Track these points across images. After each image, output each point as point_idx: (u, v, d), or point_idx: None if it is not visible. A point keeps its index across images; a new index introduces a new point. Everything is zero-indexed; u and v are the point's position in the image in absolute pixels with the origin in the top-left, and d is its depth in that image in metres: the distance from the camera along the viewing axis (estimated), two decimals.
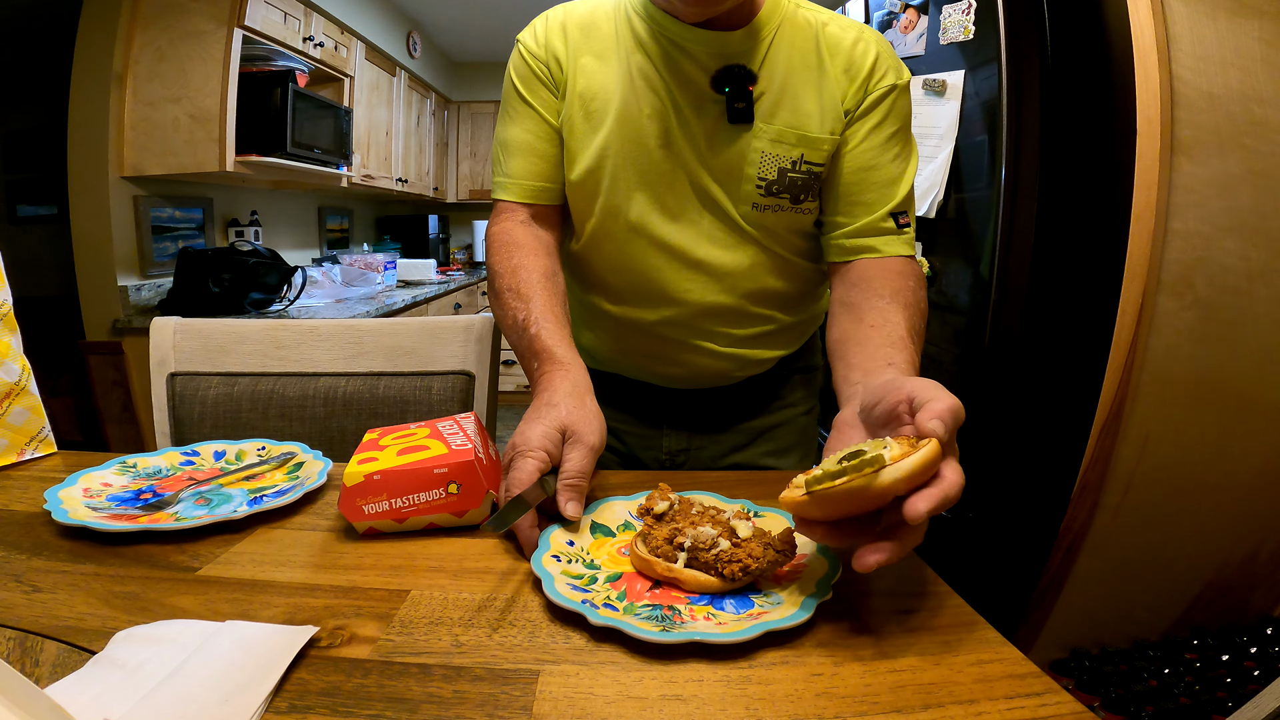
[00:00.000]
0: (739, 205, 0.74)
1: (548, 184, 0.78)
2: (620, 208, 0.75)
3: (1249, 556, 1.22)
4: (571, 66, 0.75)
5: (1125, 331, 1.15)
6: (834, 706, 0.35)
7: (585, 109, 0.74)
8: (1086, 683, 1.18)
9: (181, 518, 0.54)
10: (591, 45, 0.75)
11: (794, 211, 0.75)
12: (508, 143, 0.78)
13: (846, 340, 0.65)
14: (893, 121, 0.73)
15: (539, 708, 0.34)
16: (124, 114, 2.13)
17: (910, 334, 0.64)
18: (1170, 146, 1.11)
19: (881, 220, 0.73)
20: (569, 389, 0.60)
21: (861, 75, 0.72)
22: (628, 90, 0.73)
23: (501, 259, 0.74)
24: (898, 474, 0.38)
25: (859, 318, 0.67)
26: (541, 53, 0.76)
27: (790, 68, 0.72)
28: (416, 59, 3.92)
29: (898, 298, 0.67)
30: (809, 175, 0.73)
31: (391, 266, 3.44)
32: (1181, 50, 1.11)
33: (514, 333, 0.70)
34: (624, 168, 0.74)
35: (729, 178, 0.73)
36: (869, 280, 0.71)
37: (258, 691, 0.34)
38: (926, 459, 0.39)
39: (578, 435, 0.55)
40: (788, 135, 0.72)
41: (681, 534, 0.46)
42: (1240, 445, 1.18)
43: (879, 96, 0.72)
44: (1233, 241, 1.13)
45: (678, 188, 0.74)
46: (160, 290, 2.31)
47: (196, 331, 0.91)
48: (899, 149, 0.74)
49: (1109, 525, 1.22)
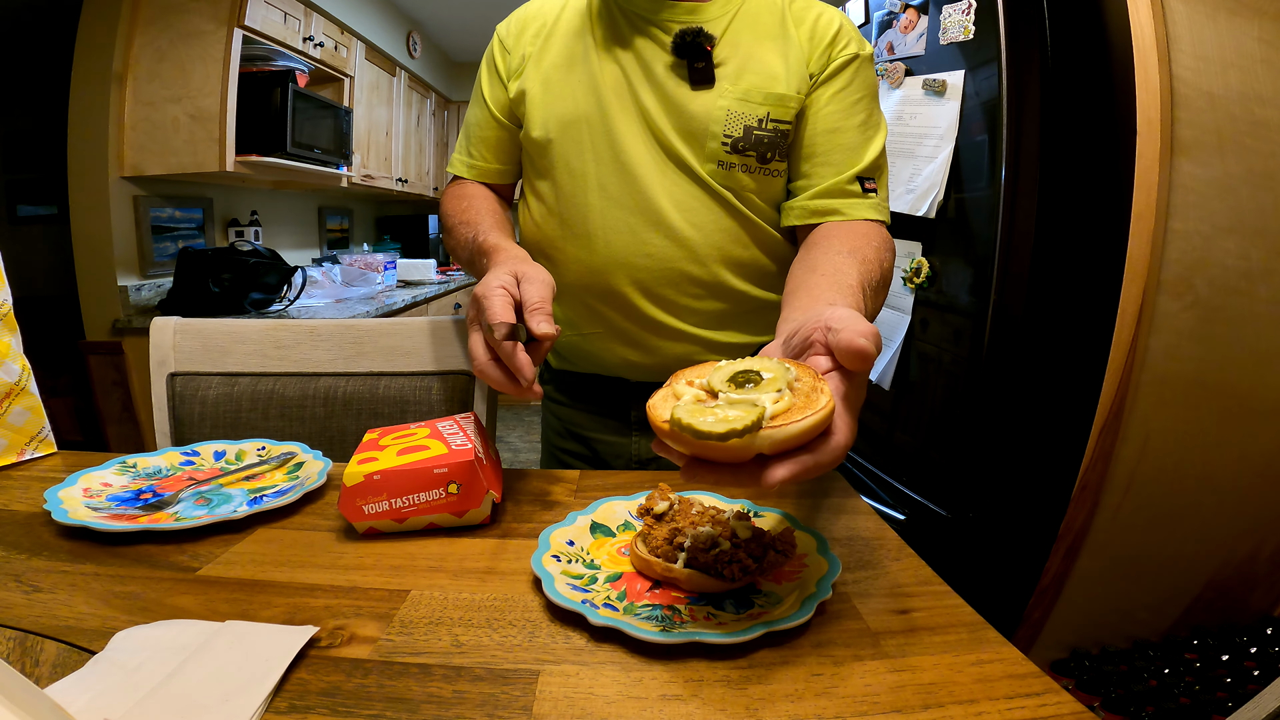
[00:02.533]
0: (705, 164, 0.75)
1: (491, 165, 0.86)
2: (580, 170, 0.78)
3: (1249, 556, 1.22)
4: (538, 47, 0.80)
5: (1125, 331, 1.15)
6: (834, 706, 0.35)
7: (546, 81, 0.79)
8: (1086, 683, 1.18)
9: (181, 518, 0.54)
10: (561, 25, 0.80)
11: (762, 173, 0.76)
12: (467, 123, 0.88)
13: (796, 290, 0.62)
14: (857, 89, 0.76)
15: (539, 708, 0.34)
16: (124, 114, 2.13)
17: (862, 285, 0.61)
18: (1170, 146, 1.11)
19: (847, 183, 0.74)
20: (514, 255, 0.67)
21: (825, 41, 0.75)
22: (588, 61, 0.77)
23: (453, 204, 0.84)
24: (773, 440, 0.34)
25: (811, 268, 0.65)
26: (510, 41, 0.82)
27: (755, 35, 0.76)
28: (416, 59, 3.92)
29: (855, 254, 0.66)
30: (775, 133, 0.75)
31: (391, 266, 3.44)
32: (1181, 50, 1.11)
33: (465, 250, 0.76)
34: (583, 131, 0.77)
35: (693, 137, 0.75)
36: (829, 238, 0.71)
37: (258, 691, 0.34)
38: (811, 425, 0.34)
39: (528, 275, 0.61)
40: (753, 94, 0.74)
41: (681, 534, 0.46)
42: (1240, 445, 1.18)
43: (842, 63, 0.75)
44: (1233, 241, 1.13)
45: (641, 150, 0.76)
46: (160, 290, 2.31)
47: (196, 331, 0.91)
48: (864, 116, 0.76)
49: (1109, 525, 1.22)
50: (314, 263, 3.25)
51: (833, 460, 0.36)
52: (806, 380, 0.38)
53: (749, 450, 0.34)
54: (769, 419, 0.34)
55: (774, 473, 0.35)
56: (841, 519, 0.58)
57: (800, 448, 0.35)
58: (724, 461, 0.36)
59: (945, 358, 1.40)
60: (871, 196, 0.75)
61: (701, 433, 0.34)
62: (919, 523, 1.40)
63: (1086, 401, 1.20)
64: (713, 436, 0.34)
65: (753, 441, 0.34)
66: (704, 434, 0.34)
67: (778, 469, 0.35)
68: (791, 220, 0.77)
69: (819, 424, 0.35)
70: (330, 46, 2.82)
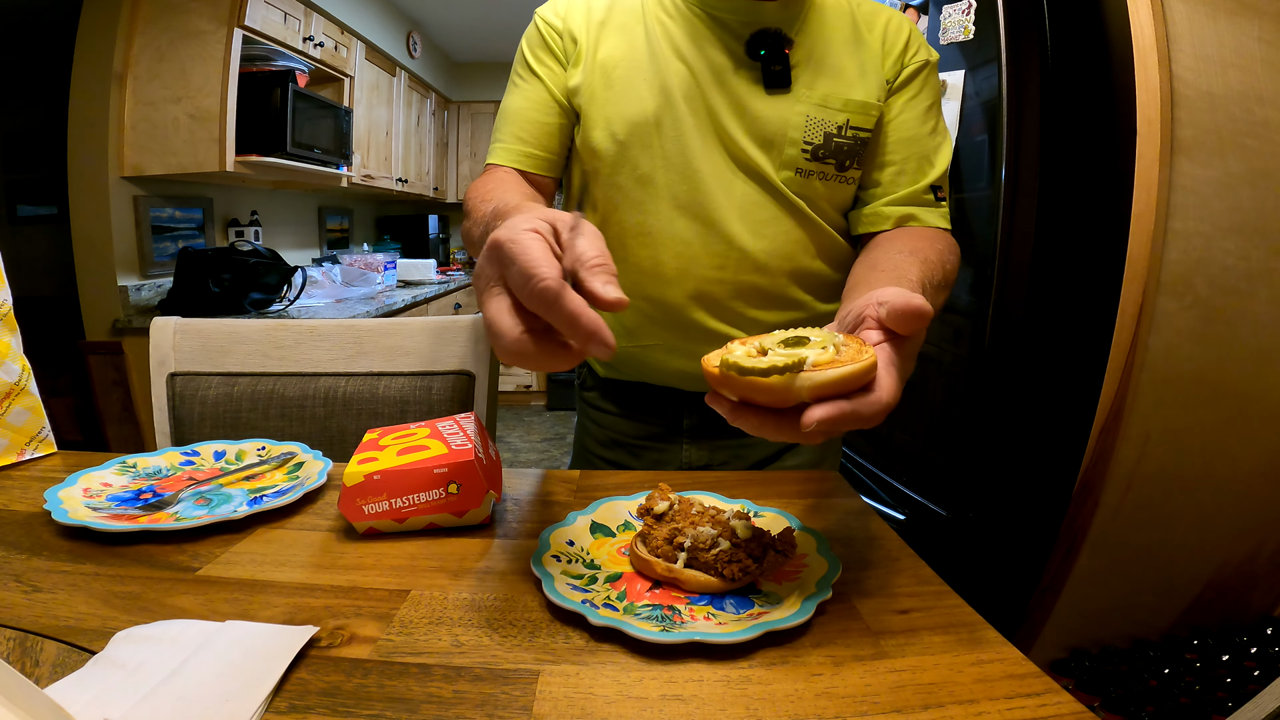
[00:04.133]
0: (781, 171, 0.72)
1: (542, 152, 0.77)
2: (649, 176, 0.73)
3: (1249, 556, 1.22)
4: (592, 37, 0.75)
5: (1125, 331, 1.15)
6: (834, 706, 0.35)
7: (607, 77, 0.73)
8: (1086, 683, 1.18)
9: (181, 518, 0.54)
10: (614, 16, 0.75)
11: (838, 180, 0.74)
12: (506, 110, 0.79)
13: (855, 286, 0.61)
14: (927, 96, 0.75)
15: (539, 708, 0.34)
16: (124, 114, 2.14)
17: (922, 281, 0.59)
18: (1170, 147, 1.11)
19: (923, 192, 0.74)
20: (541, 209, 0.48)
21: (898, 48, 0.74)
22: (654, 59, 0.72)
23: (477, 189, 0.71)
24: (813, 382, 0.36)
25: (872, 265, 0.64)
26: (559, 23, 0.76)
27: (828, 37, 0.73)
28: (416, 59, 3.92)
29: (917, 253, 0.65)
30: (855, 141, 0.73)
31: (391, 266, 3.44)
32: (1181, 50, 1.11)
33: (480, 225, 0.61)
34: (652, 135, 0.72)
35: (769, 144, 0.72)
36: (891, 239, 0.70)
37: (258, 691, 0.34)
38: (851, 373, 0.36)
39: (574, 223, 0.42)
40: (833, 100, 0.71)
41: (681, 534, 0.46)
42: (1240, 445, 1.18)
43: (914, 70, 0.74)
44: (1233, 241, 1.13)
45: (710, 155, 0.72)
46: (160, 290, 2.31)
47: (196, 331, 0.91)
48: (934, 124, 0.75)
49: (1109, 525, 1.22)
50: (314, 263, 3.25)
51: (871, 413, 0.38)
52: (854, 345, 0.40)
53: (790, 393, 0.36)
54: (811, 366, 0.37)
55: (812, 413, 0.36)
56: (841, 519, 0.58)
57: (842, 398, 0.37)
58: (769, 406, 0.38)
59: (945, 358, 1.40)
60: (942, 205, 0.75)
61: (746, 369, 0.37)
62: (919, 523, 1.40)
63: (1086, 401, 1.20)
64: (755, 372, 0.37)
65: (793, 382, 0.36)
66: (748, 369, 0.37)
67: (816, 410, 0.36)
68: (865, 227, 0.75)
69: (858, 373, 0.37)
70: (330, 46, 2.82)
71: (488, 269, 0.40)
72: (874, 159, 0.75)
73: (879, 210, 0.74)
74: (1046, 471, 1.27)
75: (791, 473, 0.71)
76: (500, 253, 0.39)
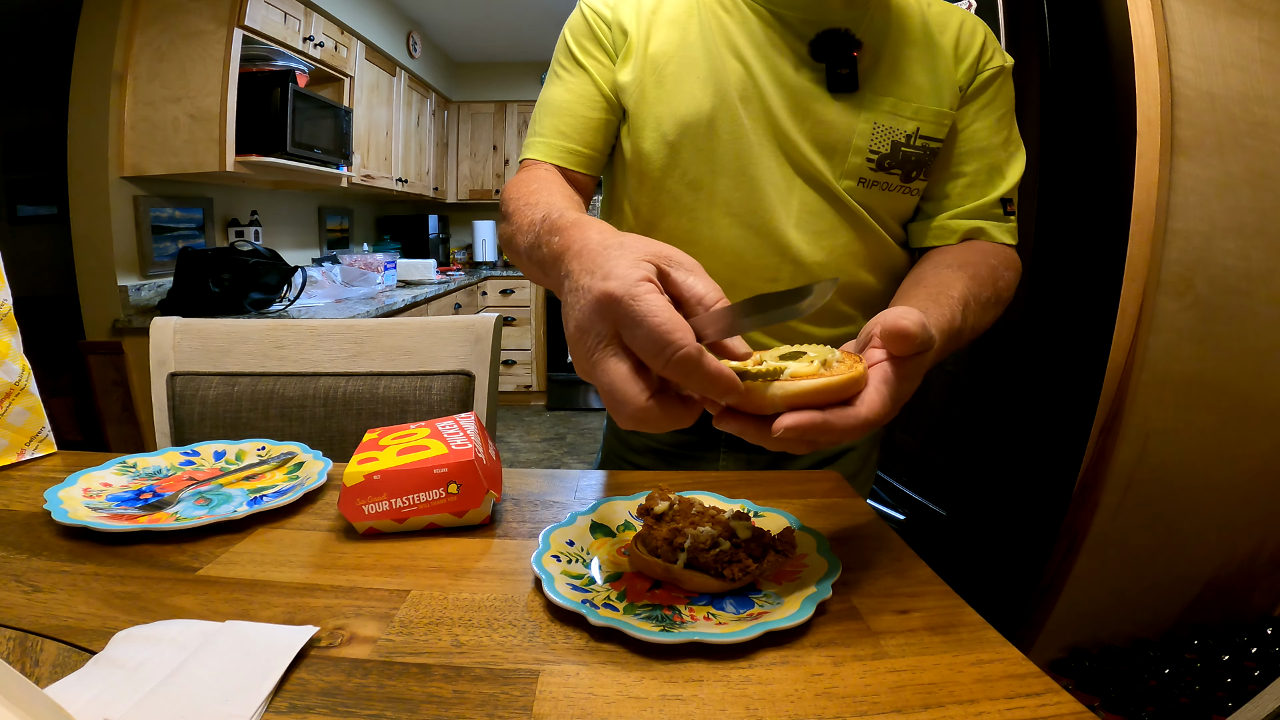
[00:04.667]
0: (842, 180, 0.68)
1: (584, 149, 0.72)
2: (700, 181, 0.69)
3: (1249, 556, 1.22)
4: (643, 29, 0.70)
5: (1125, 331, 1.15)
6: (834, 706, 0.35)
7: (658, 73, 0.69)
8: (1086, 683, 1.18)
9: (181, 518, 0.54)
10: (665, 7, 0.71)
11: (902, 191, 0.70)
12: (547, 102, 0.74)
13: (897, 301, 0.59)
14: (1001, 104, 0.71)
15: (539, 708, 0.34)
16: (124, 114, 2.14)
17: (964, 298, 0.56)
18: (1170, 147, 1.11)
19: (992, 206, 0.70)
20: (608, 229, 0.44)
21: (972, 54, 0.70)
22: (709, 55, 0.68)
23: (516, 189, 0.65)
24: (785, 391, 0.37)
25: (917, 281, 0.61)
26: (608, 13, 0.72)
27: (898, 40, 0.68)
28: (416, 59, 3.92)
29: (966, 267, 0.62)
30: (925, 151, 0.69)
31: (391, 266, 3.44)
32: (1181, 51, 1.11)
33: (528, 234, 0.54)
34: (705, 137, 0.68)
35: (832, 151, 0.68)
36: (945, 252, 0.68)
37: (258, 691, 0.34)
38: (824, 385, 0.37)
39: (677, 260, 0.39)
40: (904, 108, 0.67)
41: (681, 534, 0.46)
42: (1240, 445, 1.18)
43: (989, 77, 0.70)
44: (1233, 241, 1.13)
45: (768, 161, 0.68)
46: (160, 290, 2.31)
47: (196, 331, 0.91)
48: (1008, 133, 0.72)
49: (1109, 525, 1.22)
50: (314, 263, 3.25)
51: (846, 426, 0.38)
52: (848, 361, 0.40)
53: (766, 401, 0.37)
54: (789, 377, 0.38)
55: (781, 420, 0.37)
56: (841, 519, 0.58)
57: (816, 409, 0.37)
58: (752, 413, 0.39)
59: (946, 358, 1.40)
60: (1010, 219, 0.71)
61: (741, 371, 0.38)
62: (919, 523, 1.40)
63: (1086, 401, 1.20)
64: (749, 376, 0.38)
65: (766, 389, 0.37)
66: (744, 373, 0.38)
67: (785, 418, 0.37)
68: (931, 241, 0.72)
69: (833, 386, 0.38)
70: (330, 46, 2.82)
71: (599, 325, 0.37)
72: (943, 170, 0.71)
73: (945, 224, 0.71)
74: (1046, 471, 1.27)
75: (791, 473, 0.70)
76: (618, 311, 0.36)
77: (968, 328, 0.56)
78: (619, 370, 0.36)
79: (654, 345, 0.34)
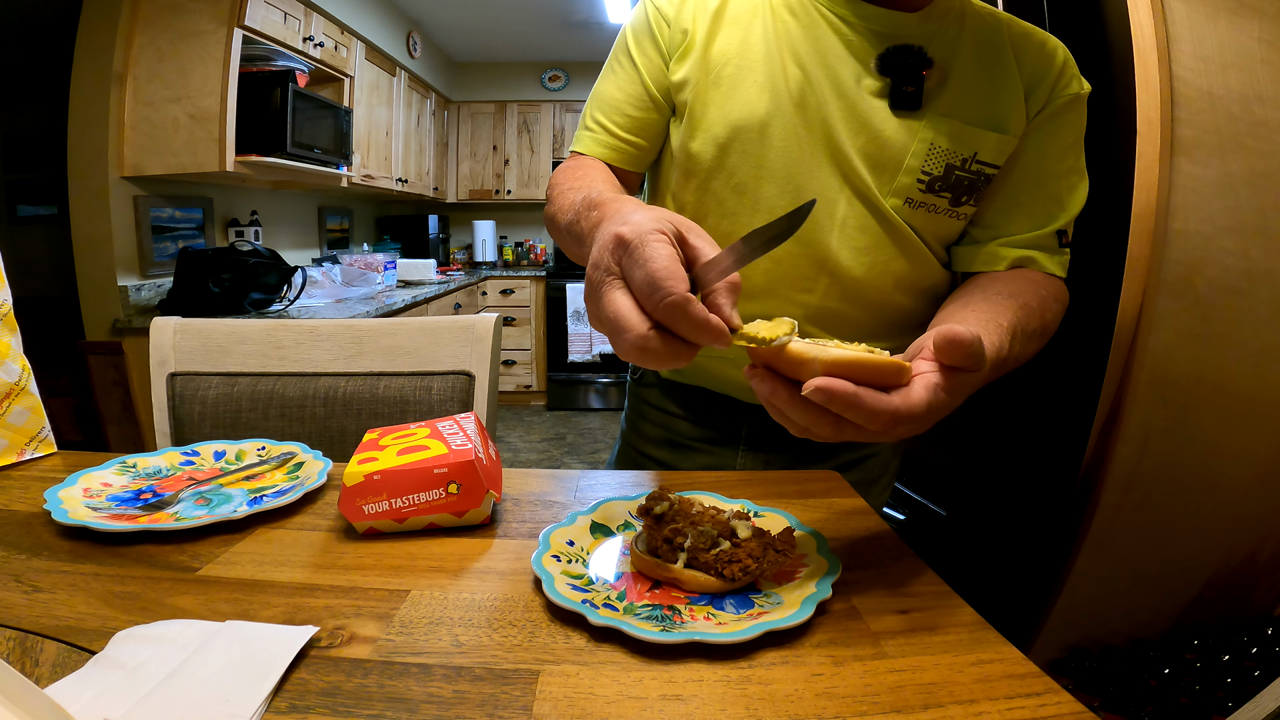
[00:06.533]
0: (889, 198, 0.67)
1: (628, 147, 0.73)
2: (745, 185, 0.68)
3: (1249, 556, 1.22)
4: (706, 28, 0.69)
5: (1125, 331, 1.15)
6: (834, 706, 0.35)
7: (716, 75, 0.68)
8: (1086, 683, 1.18)
9: (181, 518, 0.54)
10: (731, 6, 0.69)
11: (949, 214, 0.68)
12: (599, 95, 0.75)
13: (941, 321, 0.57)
14: (1071, 132, 0.68)
15: (539, 708, 0.34)
16: (124, 114, 2.14)
17: (1013, 327, 0.54)
18: (1170, 147, 1.11)
19: (1048, 236, 0.68)
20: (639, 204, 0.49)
21: (1049, 78, 0.67)
22: (768, 60, 0.67)
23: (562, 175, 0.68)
24: (830, 357, 0.38)
25: (965, 304, 0.59)
26: (670, 12, 0.71)
27: (971, 59, 0.66)
28: (416, 59, 3.92)
29: (1016, 297, 0.59)
30: (978, 176, 0.67)
31: (391, 266, 3.44)
32: (1181, 50, 1.11)
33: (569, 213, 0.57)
34: (755, 141, 0.67)
35: (882, 166, 0.66)
36: (994, 278, 0.65)
37: (258, 691, 0.34)
38: (866, 360, 0.38)
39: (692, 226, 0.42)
40: (965, 132, 0.65)
41: (681, 534, 0.46)
42: (1240, 445, 1.18)
43: (1063, 104, 0.67)
44: (1233, 241, 1.13)
45: (817, 170, 0.67)
46: (160, 290, 2.31)
47: (196, 331, 0.91)
48: (1072, 162, 0.69)
49: (1108, 525, 1.22)
50: (314, 263, 3.25)
51: (874, 407, 0.38)
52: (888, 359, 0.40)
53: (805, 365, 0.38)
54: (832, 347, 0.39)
55: (814, 379, 0.37)
56: (841, 519, 0.58)
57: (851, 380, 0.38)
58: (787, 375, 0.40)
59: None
60: (1064, 252, 0.68)
61: (749, 336, 0.39)
62: (919, 523, 1.40)
63: (1086, 401, 1.19)
64: (756, 340, 0.39)
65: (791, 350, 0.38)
66: (751, 337, 0.39)
67: (818, 379, 0.37)
68: (980, 266, 0.69)
69: (871, 363, 0.38)
70: (330, 46, 2.82)
71: (607, 259, 0.39)
72: (999, 196, 0.69)
73: (996, 251, 0.69)
74: (1046, 471, 1.27)
75: (791, 473, 0.70)
76: (625, 252, 0.39)
77: (1012, 358, 0.55)
78: (623, 301, 0.38)
79: (648, 288, 0.37)
